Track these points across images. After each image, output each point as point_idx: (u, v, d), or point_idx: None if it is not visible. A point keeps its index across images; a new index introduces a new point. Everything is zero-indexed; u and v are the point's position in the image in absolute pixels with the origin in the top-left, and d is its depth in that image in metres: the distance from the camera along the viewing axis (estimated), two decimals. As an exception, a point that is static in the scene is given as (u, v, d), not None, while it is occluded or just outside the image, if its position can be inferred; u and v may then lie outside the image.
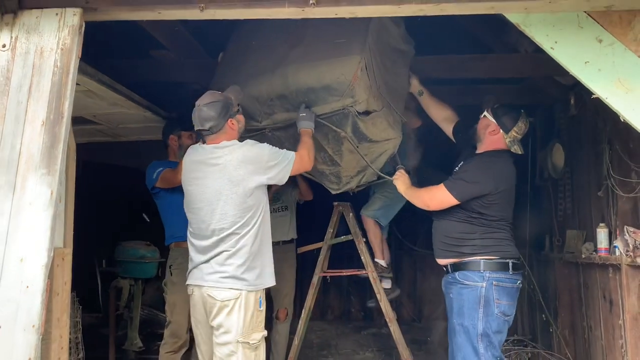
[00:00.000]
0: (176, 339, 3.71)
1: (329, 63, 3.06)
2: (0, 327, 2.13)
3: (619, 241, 3.42)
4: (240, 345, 2.81)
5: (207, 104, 2.90)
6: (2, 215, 2.23)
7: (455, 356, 3.19)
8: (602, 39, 2.35)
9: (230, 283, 2.82)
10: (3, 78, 2.36)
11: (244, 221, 2.85)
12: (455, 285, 3.22)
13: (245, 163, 2.85)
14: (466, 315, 3.14)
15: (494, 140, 3.32)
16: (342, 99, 3.11)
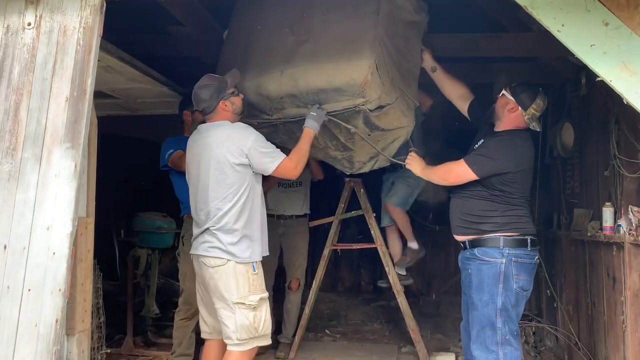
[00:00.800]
0: (189, 306, 3.86)
1: (338, 66, 3.06)
2: (30, 291, 2.29)
3: (623, 220, 3.48)
4: (236, 306, 2.93)
5: (200, 86, 3.11)
6: (29, 186, 2.37)
7: (473, 329, 3.25)
8: (609, 23, 2.39)
9: (217, 252, 2.97)
10: (29, 55, 2.47)
11: (225, 197, 2.98)
12: (474, 261, 3.25)
13: (228, 141, 2.99)
14: (485, 290, 3.19)
15: (512, 118, 3.32)
16: (353, 98, 3.12)
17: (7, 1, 2.52)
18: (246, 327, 2.94)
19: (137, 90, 3.90)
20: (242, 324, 2.93)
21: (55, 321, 2.26)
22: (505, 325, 3.17)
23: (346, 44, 3.09)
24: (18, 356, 2.24)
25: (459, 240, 3.41)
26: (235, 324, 2.93)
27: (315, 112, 3.19)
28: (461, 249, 3.43)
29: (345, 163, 3.73)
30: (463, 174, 3.25)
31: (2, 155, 2.40)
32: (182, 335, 3.94)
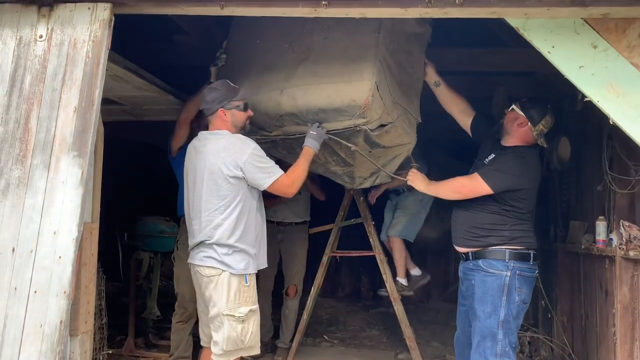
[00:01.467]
0: (183, 309, 3.98)
1: (338, 87, 3.04)
2: (36, 292, 2.38)
3: (615, 234, 3.56)
4: (225, 318, 2.93)
5: (210, 87, 3.16)
6: (37, 192, 2.46)
7: (473, 339, 3.27)
8: (597, 45, 2.48)
9: (212, 262, 2.98)
10: (40, 66, 2.58)
11: (217, 209, 2.96)
12: (478, 272, 3.27)
13: (224, 152, 2.97)
14: (489, 301, 3.21)
15: (521, 133, 3.35)
16: (353, 119, 3.10)
17: (21, 14, 2.62)
18: (233, 339, 2.94)
19: (142, 98, 3.99)
20: (229, 336, 2.93)
21: (60, 322, 2.35)
22: (505, 337, 3.20)
23: (347, 64, 3.07)
24: (23, 355, 2.34)
25: (460, 252, 3.43)
26: (223, 335, 2.93)
27: (315, 132, 3.16)
28: (461, 260, 3.46)
29: (345, 178, 3.72)
30: (478, 188, 3.26)
31: (12, 161, 2.50)
32: (179, 338, 4.05)
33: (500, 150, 3.40)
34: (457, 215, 3.45)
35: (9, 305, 2.39)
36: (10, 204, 2.47)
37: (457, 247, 3.46)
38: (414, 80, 3.50)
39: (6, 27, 2.63)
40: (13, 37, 2.62)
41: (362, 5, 2.48)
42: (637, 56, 2.45)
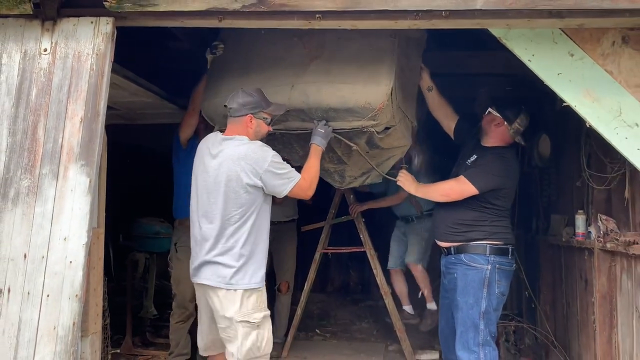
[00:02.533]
0: (183, 309, 4.06)
1: (354, 88, 3.06)
2: (49, 296, 2.49)
3: (593, 227, 3.76)
4: (240, 325, 2.87)
5: (244, 91, 3.04)
6: (47, 200, 2.57)
7: (457, 330, 3.47)
8: (574, 54, 2.65)
9: (223, 283, 2.90)
10: (45, 79, 2.68)
11: (232, 216, 2.89)
12: (460, 266, 3.47)
13: (244, 160, 2.89)
14: (471, 294, 3.42)
15: (499, 133, 3.58)
16: (363, 120, 3.14)
17: (25, 28, 2.71)
18: (249, 347, 2.88)
19: (138, 103, 4.10)
20: (245, 345, 2.87)
21: (73, 324, 2.47)
22: (486, 327, 3.43)
23: (363, 66, 3.09)
24: (38, 356, 2.44)
25: (443, 247, 3.64)
26: (237, 344, 2.87)
27: (323, 129, 3.15)
28: (443, 254, 3.66)
29: (336, 177, 3.76)
30: (465, 190, 3.45)
31: (21, 171, 2.60)
32: (178, 337, 4.14)
33: (482, 151, 3.60)
34: (440, 211, 3.64)
35: (23, 309, 2.49)
36: (21, 212, 2.57)
37: (439, 242, 3.67)
38: (411, 85, 3.58)
39: (10, 40, 2.71)
40: (18, 51, 2.71)
41: (354, 18, 2.62)
42: (611, 64, 2.63)
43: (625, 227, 3.41)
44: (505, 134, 3.59)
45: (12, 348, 2.46)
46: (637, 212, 3.27)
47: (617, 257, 3.53)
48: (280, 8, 2.51)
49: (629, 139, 2.63)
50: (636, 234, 3.22)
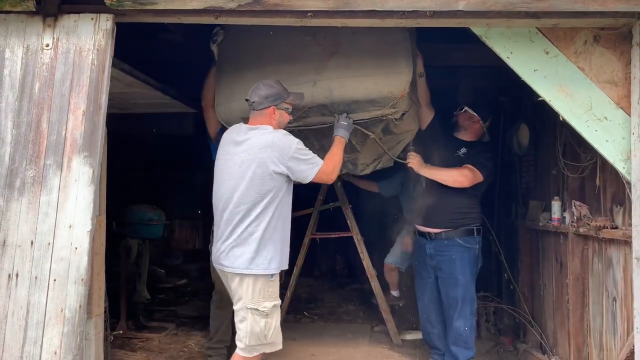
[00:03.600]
0: (220, 295, 4.02)
1: (376, 80, 3.18)
2: (55, 281, 2.63)
3: (568, 213, 3.97)
4: (249, 311, 2.96)
5: (265, 83, 3.11)
6: (52, 190, 2.70)
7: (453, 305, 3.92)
8: (549, 51, 2.83)
9: (239, 265, 2.98)
10: (48, 73, 2.79)
11: (258, 203, 2.95)
12: (457, 247, 3.94)
13: (271, 147, 2.96)
14: (468, 271, 3.96)
15: (476, 129, 4.09)
16: (383, 109, 3.27)
17: (27, 24, 2.81)
18: (256, 334, 2.96)
19: (131, 94, 4.20)
20: (252, 330, 2.95)
21: (79, 306, 2.61)
22: (475, 297, 4.04)
23: (381, 57, 3.20)
24: (47, 337, 2.59)
25: (432, 232, 4.00)
26: (246, 329, 2.97)
27: (346, 122, 3.28)
28: (429, 239, 4.02)
29: (349, 165, 3.84)
30: (477, 178, 3.89)
31: (26, 162, 2.72)
32: (218, 323, 4.09)
33: (469, 145, 4.02)
34: (442, 201, 3.97)
35: (31, 293, 2.63)
36: (27, 201, 2.69)
37: (429, 229, 4.01)
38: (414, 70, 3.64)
39: (13, 36, 2.81)
40: (20, 46, 2.81)
41: (344, 17, 2.76)
42: (583, 61, 2.82)
43: (597, 213, 3.63)
44: (480, 130, 4.13)
45: (22, 329, 2.61)
46: (607, 198, 3.49)
47: (590, 241, 3.76)
48: (274, 7, 2.65)
49: (598, 131, 2.83)
50: (606, 219, 3.43)
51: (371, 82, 3.20)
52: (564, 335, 4.13)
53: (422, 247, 4.09)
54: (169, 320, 5.41)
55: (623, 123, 2.82)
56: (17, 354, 2.59)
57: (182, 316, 5.56)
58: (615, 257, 3.36)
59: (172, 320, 5.39)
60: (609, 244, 3.45)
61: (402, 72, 3.22)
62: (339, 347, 4.70)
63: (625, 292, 3.20)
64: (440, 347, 4.15)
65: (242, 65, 3.43)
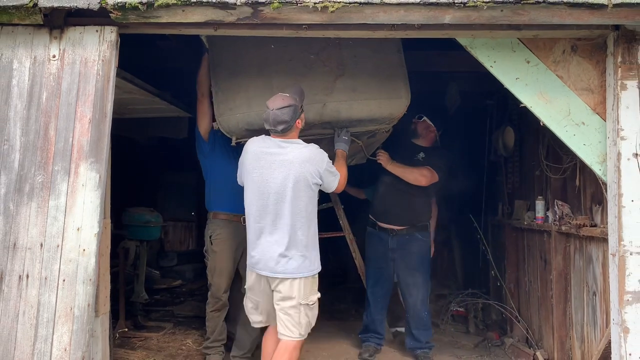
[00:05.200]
0: (217, 299, 4.14)
1: (380, 103, 3.52)
2: (64, 281, 2.76)
3: (551, 212, 4.16)
4: (302, 307, 3.23)
5: (280, 108, 3.18)
6: (60, 194, 2.83)
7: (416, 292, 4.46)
8: (530, 61, 3.01)
9: (291, 272, 3.20)
10: (55, 83, 2.92)
11: (302, 213, 3.20)
12: (417, 241, 4.48)
13: (309, 162, 3.21)
14: (426, 261, 4.54)
15: (431, 137, 4.59)
16: (381, 125, 3.67)
17: (34, 36, 2.93)
18: (307, 324, 3.28)
19: (130, 100, 4.32)
20: (305, 322, 3.27)
21: (88, 305, 2.75)
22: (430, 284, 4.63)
23: (383, 81, 3.53)
24: (57, 334, 2.73)
25: (395, 228, 4.49)
26: (299, 321, 3.23)
27: (346, 136, 3.62)
28: (391, 235, 4.50)
29: None
30: (434, 178, 4.37)
31: (35, 168, 2.85)
32: (214, 324, 4.21)
33: (427, 151, 4.49)
34: (403, 201, 4.44)
35: (41, 292, 2.76)
36: (36, 205, 2.82)
37: (392, 226, 4.48)
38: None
39: (20, 47, 2.94)
40: (28, 57, 2.94)
41: (337, 29, 2.91)
42: (561, 69, 3.00)
43: (578, 212, 3.82)
44: (434, 138, 4.61)
45: (33, 327, 2.74)
46: (587, 198, 3.68)
47: (571, 239, 3.95)
48: (271, 21, 2.79)
49: (576, 135, 3.01)
50: (586, 217, 3.62)
51: (375, 105, 3.53)
52: (548, 329, 4.32)
53: (384, 240, 4.54)
54: (166, 320, 5.54)
55: (599, 128, 3.00)
56: (28, 351, 2.72)
57: (178, 316, 5.68)
58: (595, 254, 3.55)
59: (169, 320, 5.51)
60: (589, 241, 3.64)
61: (402, 96, 3.57)
62: (332, 343, 4.86)
63: (604, 286, 3.39)
64: (382, 332, 4.65)
65: (243, 76, 3.53)
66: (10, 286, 2.77)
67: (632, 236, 2.86)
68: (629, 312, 2.85)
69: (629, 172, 2.88)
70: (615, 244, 2.92)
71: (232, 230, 4.10)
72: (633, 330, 2.84)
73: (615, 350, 2.92)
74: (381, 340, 4.65)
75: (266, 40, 3.39)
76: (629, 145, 2.89)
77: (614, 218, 2.94)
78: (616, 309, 2.91)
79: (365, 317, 4.71)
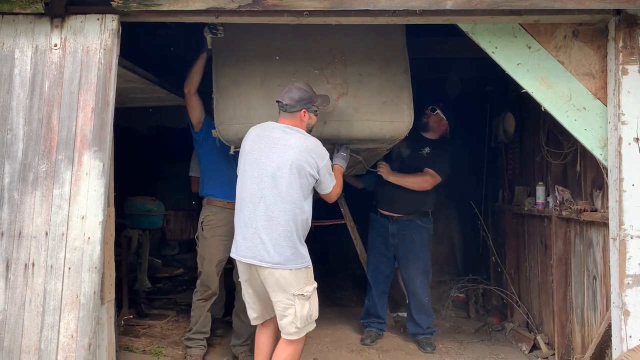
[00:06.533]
0: (205, 287, 4.06)
1: (382, 125, 3.45)
2: (70, 269, 2.79)
3: (551, 197, 4.19)
4: (296, 297, 3.07)
5: (297, 87, 3.19)
6: (64, 183, 2.84)
7: (416, 277, 4.53)
8: (531, 46, 3.02)
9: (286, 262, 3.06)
10: (57, 72, 2.92)
11: (295, 201, 3.06)
12: (417, 227, 4.53)
13: (310, 152, 3.10)
14: (427, 247, 4.59)
15: (442, 130, 4.57)
16: (381, 145, 3.62)
17: (35, 25, 2.93)
18: (304, 316, 3.10)
19: (130, 89, 4.32)
20: (301, 314, 3.09)
21: (94, 293, 2.77)
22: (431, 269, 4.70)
23: (386, 103, 3.44)
24: (64, 321, 2.75)
25: (395, 215, 4.53)
26: (294, 314, 3.08)
27: (345, 153, 3.57)
28: (391, 221, 4.55)
29: None
30: (436, 182, 4.44)
31: (38, 157, 2.86)
32: (198, 314, 4.11)
33: (432, 144, 4.49)
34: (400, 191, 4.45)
35: (47, 280, 2.79)
36: (40, 194, 2.84)
37: (392, 213, 4.53)
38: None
39: (22, 36, 2.94)
40: (29, 46, 2.94)
41: (338, 15, 2.91)
42: (562, 55, 3.00)
43: (578, 197, 3.84)
44: (445, 132, 4.58)
45: (39, 315, 2.76)
46: (587, 183, 3.70)
47: (572, 224, 3.97)
48: (273, 7, 2.79)
49: (577, 120, 3.02)
50: (586, 202, 3.64)
51: (377, 126, 3.46)
52: (548, 313, 4.36)
53: (385, 226, 4.59)
54: (169, 308, 5.56)
55: (600, 113, 3.01)
56: (35, 338, 2.75)
57: (181, 304, 5.71)
58: (595, 238, 3.58)
59: (172, 308, 5.54)
60: (590, 226, 3.66)
61: (404, 120, 3.48)
62: (334, 329, 4.90)
63: (604, 270, 3.42)
64: (383, 316, 4.71)
65: (245, 87, 3.49)
66: (17, 274, 2.79)
67: (633, 220, 2.89)
68: (629, 295, 2.88)
69: (629, 157, 2.90)
70: (616, 228, 2.94)
71: (224, 217, 4.01)
72: (633, 313, 2.87)
73: (616, 333, 2.95)
74: (383, 325, 4.69)
75: (271, 52, 3.43)
76: (630, 130, 2.90)
77: (614, 202, 2.96)
78: (617, 292, 2.94)
79: (367, 301, 4.75)
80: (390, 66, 3.50)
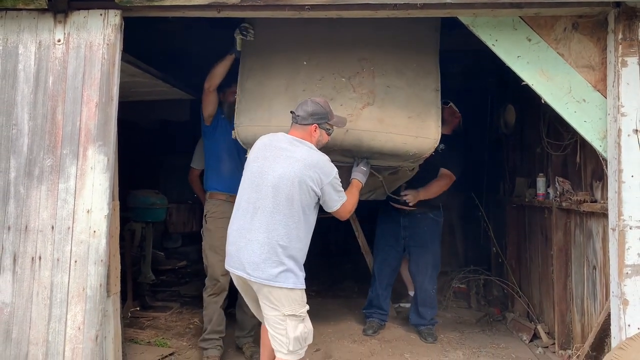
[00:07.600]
0: (214, 281, 3.97)
1: (405, 140, 3.29)
2: (76, 262, 2.83)
3: (551, 189, 4.21)
4: (287, 318, 2.94)
5: (313, 101, 3.12)
6: (69, 177, 2.88)
7: (425, 269, 4.58)
8: (531, 39, 3.03)
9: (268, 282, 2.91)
10: (61, 67, 2.94)
11: (292, 215, 2.92)
12: (429, 220, 4.58)
13: (315, 168, 2.96)
14: (437, 240, 4.67)
15: (455, 123, 4.61)
16: (404, 162, 3.46)
17: (38, 20, 2.96)
18: (297, 339, 2.96)
19: (133, 83, 4.34)
20: (294, 336, 2.95)
21: (100, 285, 2.81)
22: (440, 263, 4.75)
23: (412, 118, 3.31)
24: (70, 314, 2.80)
25: (406, 209, 4.47)
26: (286, 335, 2.94)
27: (365, 167, 3.41)
28: (403, 214, 4.54)
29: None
30: (452, 181, 4.50)
31: (44, 152, 2.89)
32: (211, 312, 3.99)
33: (447, 141, 4.33)
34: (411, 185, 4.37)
35: (54, 273, 2.83)
36: (46, 189, 2.88)
37: (404, 207, 4.45)
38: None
39: (25, 32, 2.96)
40: (33, 42, 2.96)
41: (339, 9, 2.93)
42: (562, 47, 3.02)
43: (578, 188, 3.87)
44: (458, 125, 4.63)
45: (47, 307, 2.81)
46: (587, 174, 3.72)
47: (572, 215, 4.00)
48: (274, 2, 2.81)
49: (577, 112, 3.04)
50: (586, 193, 3.67)
51: (400, 140, 3.31)
52: (549, 303, 4.40)
53: (396, 219, 4.61)
54: (172, 300, 5.62)
55: (600, 105, 3.03)
56: (43, 330, 2.79)
57: (185, 296, 5.77)
58: (595, 229, 3.61)
59: (176, 300, 5.60)
60: (589, 216, 3.69)
61: (430, 137, 3.34)
62: (337, 320, 4.95)
63: (604, 260, 3.45)
64: (386, 308, 4.75)
65: (268, 90, 3.43)
66: (24, 268, 2.83)
67: (632, 211, 2.91)
68: (628, 285, 2.91)
69: (629, 148, 2.92)
70: (615, 219, 2.97)
71: (227, 209, 3.85)
72: (632, 302, 2.90)
73: (615, 322, 2.99)
74: (385, 317, 4.74)
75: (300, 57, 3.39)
76: (629, 122, 2.92)
77: (614, 193, 2.99)
78: (616, 282, 2.97)
79: (370, 292, 4.79)
80: (420, 81, 3.40)
